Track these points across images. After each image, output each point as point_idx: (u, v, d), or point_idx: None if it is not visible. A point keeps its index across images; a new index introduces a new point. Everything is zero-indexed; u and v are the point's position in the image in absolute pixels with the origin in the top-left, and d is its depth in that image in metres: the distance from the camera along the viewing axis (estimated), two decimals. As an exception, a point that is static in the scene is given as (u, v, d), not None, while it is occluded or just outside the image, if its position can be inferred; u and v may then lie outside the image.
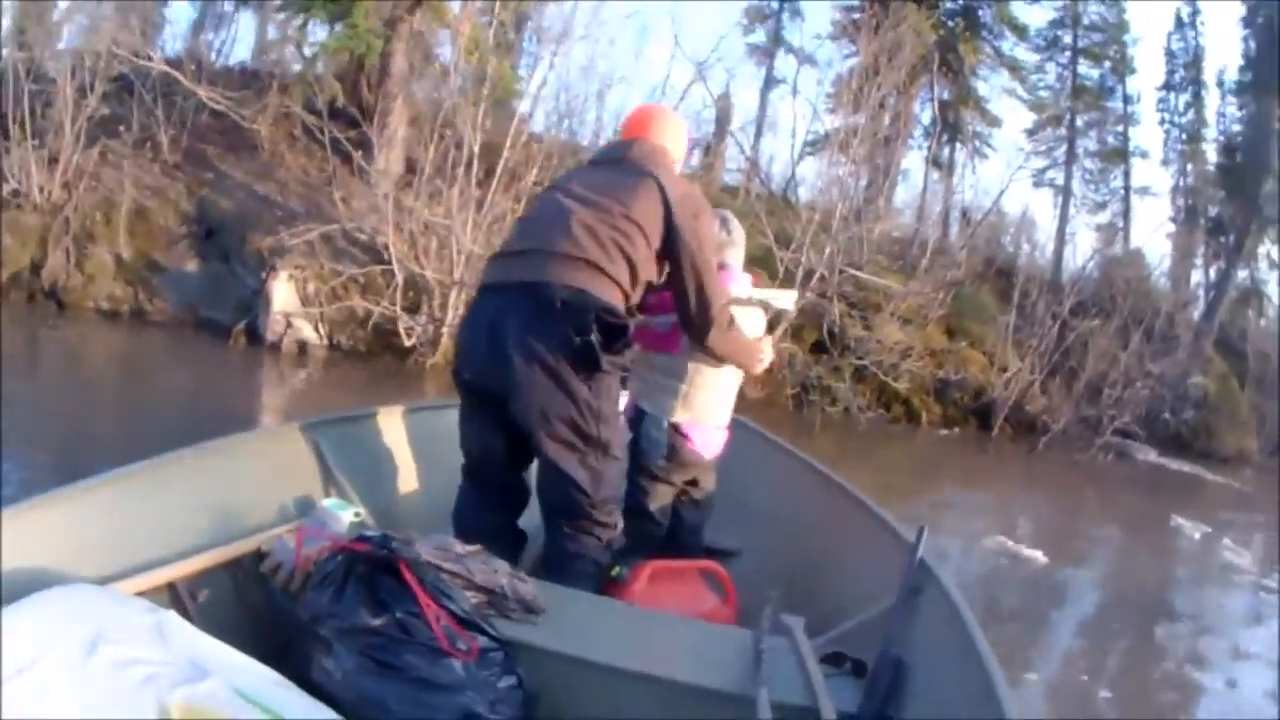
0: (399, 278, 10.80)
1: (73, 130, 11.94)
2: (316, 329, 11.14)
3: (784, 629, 2.38)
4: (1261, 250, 21.40)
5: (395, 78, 12.62)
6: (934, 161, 19.12)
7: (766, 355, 3.21)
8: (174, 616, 1.84)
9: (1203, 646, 5.96)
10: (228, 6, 19.77)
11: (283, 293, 11.02)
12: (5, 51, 15.68)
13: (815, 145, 16.96)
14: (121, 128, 12.54)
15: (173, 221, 12.13)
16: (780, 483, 3.88)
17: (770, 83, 21.47)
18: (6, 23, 15.99)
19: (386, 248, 11.12)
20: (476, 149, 11.06)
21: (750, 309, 3.20)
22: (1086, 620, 6.37)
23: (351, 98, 13.17)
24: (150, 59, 12.93)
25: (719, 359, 3.09)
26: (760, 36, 21.85)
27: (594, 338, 2.56)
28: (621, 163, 2.92)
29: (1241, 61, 21.66)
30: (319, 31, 14.69)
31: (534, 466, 2.81)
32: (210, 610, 2.27)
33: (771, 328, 3.48)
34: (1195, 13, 22.21)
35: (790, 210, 13.74)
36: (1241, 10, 21.74)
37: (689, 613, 2.76)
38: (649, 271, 2.77)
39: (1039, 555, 7.20)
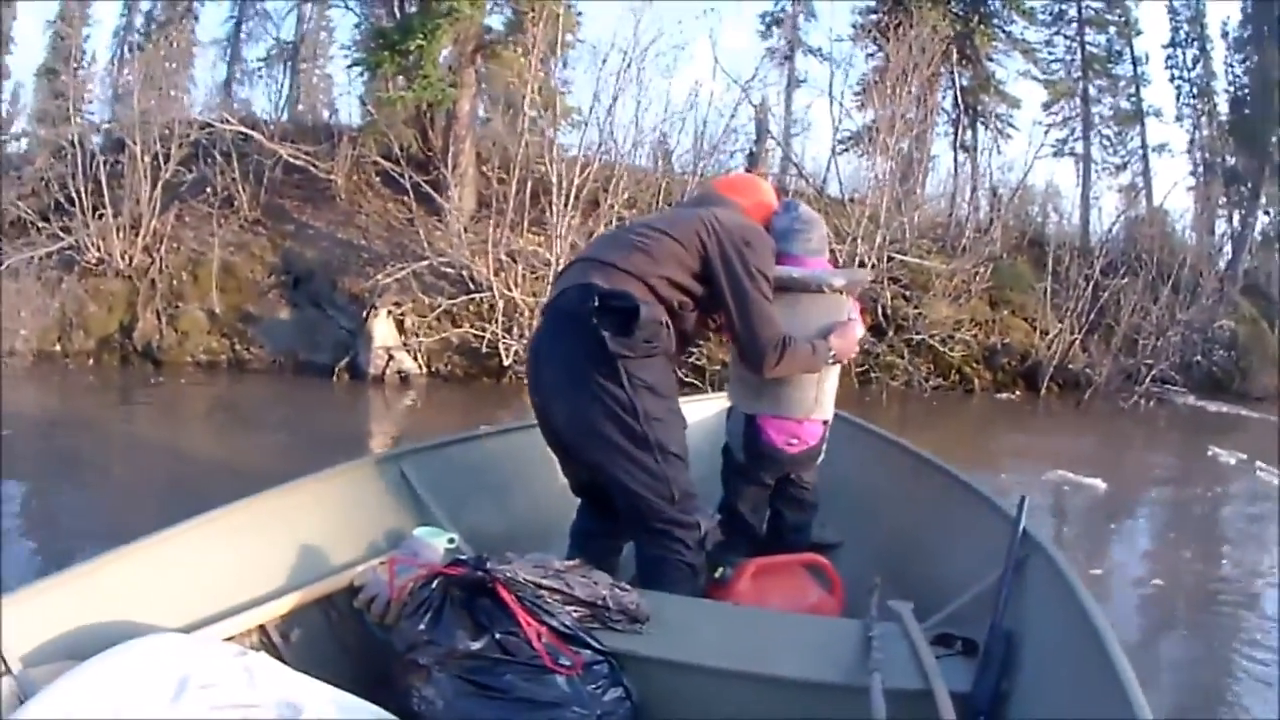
0: (499, 303, 12.67)
1: (150, 196, 13.69)
2: (416, 359, 12.98)
3: (892, 614, 2.51)
4: (1280, 195, 22.92)
5: (462, 121, 14.67)
6: (960, 146, 20.94)
7: (848, 343, 3.17)
8: (263, 658, 1.95)
9: (1238, 546, 7.24)
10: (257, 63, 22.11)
11: (383, 329, 12.86)
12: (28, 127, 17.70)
13: (846, 142, 18.69)
14: (208, 189, 14.40)
15: (260, 274, 14.00)
16: (876, 468, 3.97)
17: (792, 84, 23.31)
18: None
19: (473, 278, 13.00)
20: (559, 181, 12.99)
21: (832, 296, 3.18)
22: (1145, 530, 7.74)
23: (421, 143, 15.11)
24: (227, 121, 14.85)
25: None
26: (777, 40, 23.56)
27: (594, 322, 2.65)
28: (687, 205, 3.26)
29: (1240, 16, 23.26)
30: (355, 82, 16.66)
31: None
32: (303, 650, 2.45)
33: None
34: (1195, -36, 23.54)
35: (834, 204, 15.65)
36: (1238, -38, 23.11)
37: (795, 608, 2.90)
38: (680, 271, 2.84)
39: (1098, 482, 8.37)
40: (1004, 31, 21.54)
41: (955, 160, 21.17)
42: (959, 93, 20.14)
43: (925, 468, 3.70)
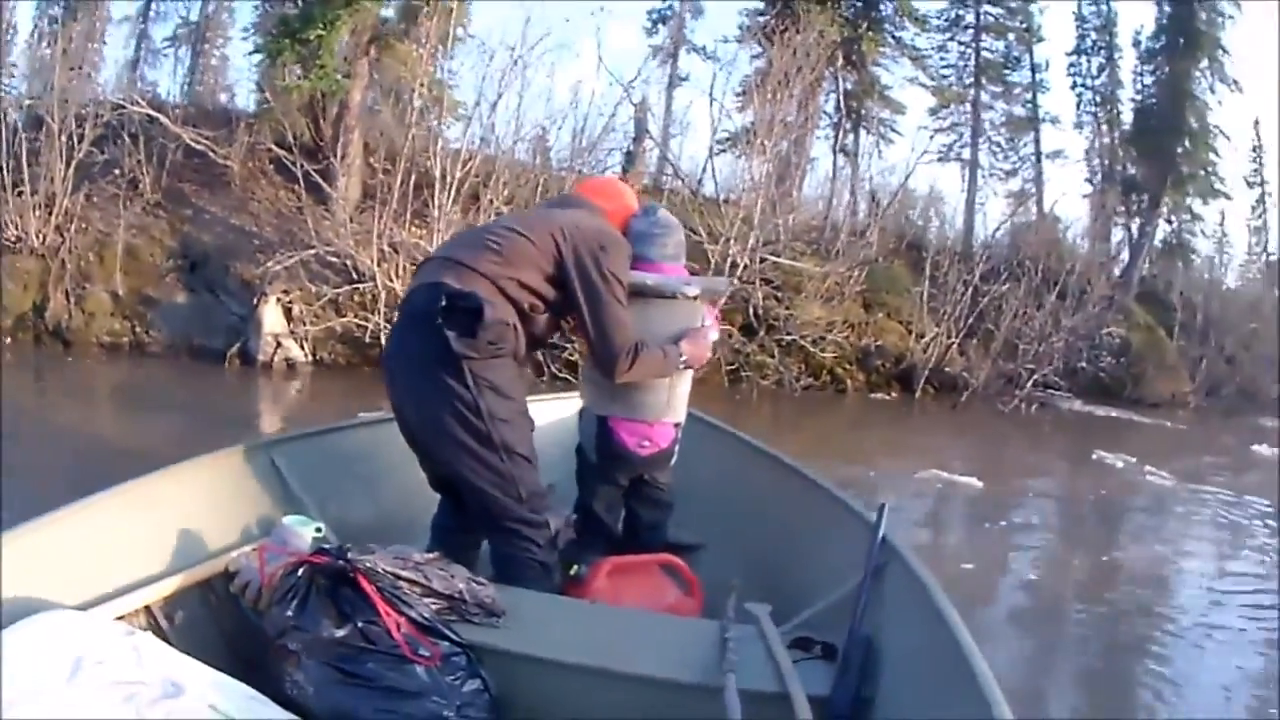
0: (382, 293, 13.05)
1: (64, 175, 13.80)
2: (302, 347, 13.35)
3: (750, 617, 2.56)
4: (1186, 203, 23.53)
5: (353, 111, 15.07)
6: (840, 150, 21.31)
7: (700, 350, 3.24)
8: (150, 638, 2.05)
9: (1119, 545, 7.52)
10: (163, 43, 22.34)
11: (271, 316, 13.21)
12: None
13: (725, 142, 18.88)
14: (117, 170, 14.58)
15: (159, 257, 14.21)
16: (738, 472, 4.03)
17: (674, 82, 23.83)
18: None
19: (356, 268, 13.39)
20: (442, 175, 13.46)
21: (686, 303, 3.25)
22: (1021, 528, 7.83)
23: (313, 132, 15.50)
24: (138, 103, 15.11)
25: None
26: (662, 37, 23.99)
27: (440, 322, 2.68)
28: (548, 206, 3.36)
29: (1154, 27, 23.68)
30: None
31: None
32: (187, 631, 2.51)
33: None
34: (1109, -23, 24.08)
35: (709, 205, 15.99)
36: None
37: (652, 607, 2.94)
38: (532, 273, 2.87)
39: (974, 481, 8.65)
40: (894, 37, 21.93)
41: (834, 164, 21.59)
42: (842, 97, 20.41)
43: (784, 471, 3.80)
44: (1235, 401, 21.18)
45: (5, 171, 13.60)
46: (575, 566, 3.05)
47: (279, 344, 13.22)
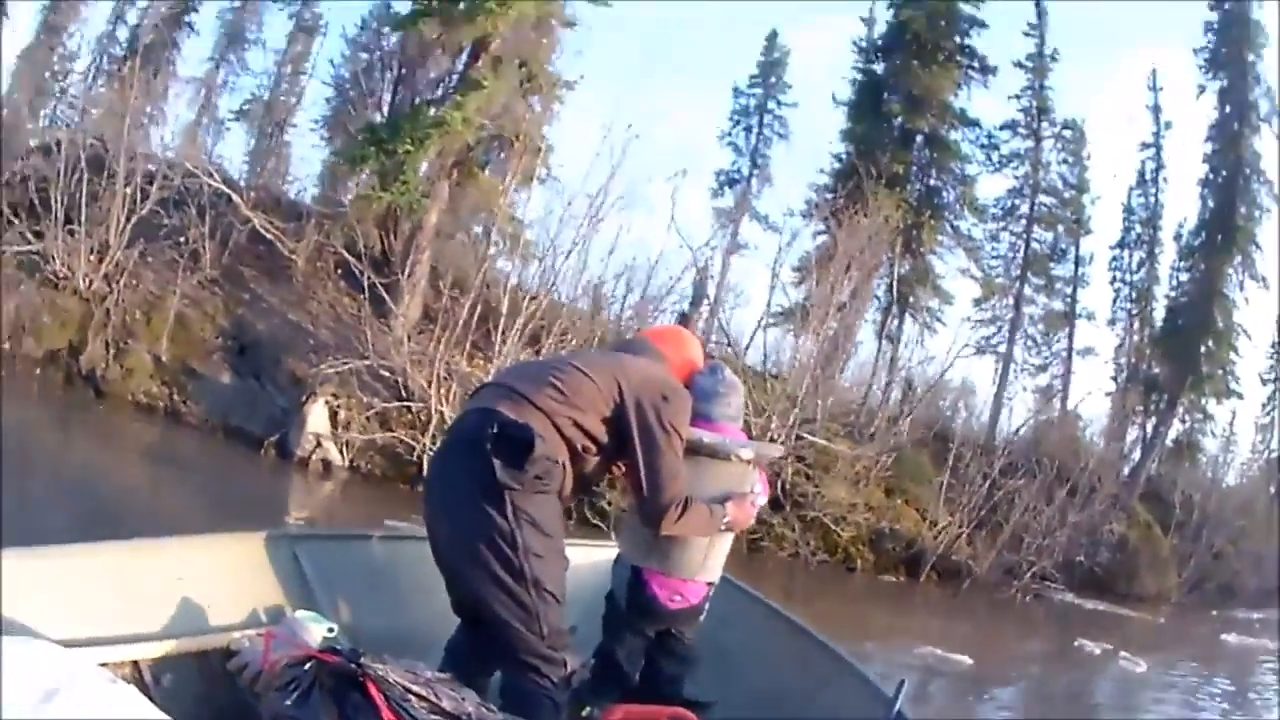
0: (435, 416, 13.70)
1: (122, 227, 14.43)
2: (341, 451, 13.87)
3: None
4: (1201, 403, 24.25)
5: (426, 232, 15.80)
6: (885, 335, 22.00)
7: (744, 514, 3.32)
8: (130, 689, 2.11)
9: (1095, 712, 8.89)
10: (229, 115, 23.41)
11: (317, 416, 13.79)
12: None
13: (777, 317, 19.58)
14: (182, 239, 15.18)
15: (209, 333, 14.87)
16: (761, 637, 4.07)
17: (733, 248, 24.21)
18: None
19: (407, 386, 14.08)
20: (510, 311, 14.24)
21: (738, 465, 3.30)
22: (1003, 700, 9.05)
23: (384, 244, 16.27)
24: (211, 175, 15.81)
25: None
26: (728, 200, 24.85)
27: (488, 449, 2.72)
28: (614, 348, 3.51)
29: (1196, 223, 24.26)
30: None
31: None
32: (172, 694, 2.56)
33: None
34: (1159, 168, 24.86)
35: (754, 376, 16.71)
36: (1202, 170, 24.29)
37: None
38: (590, 415, 2.94)
39: (965, 659, 9.47)
40: (952, 226, 22.60)
41: (879, 349, 22.02)
42: (895, 282, 21.05)
43: (807, 641, 3.89)
44: (1214, 596, 21.96)
45: (59, 205, 14.13)
46: (587, 709, 3.13)
47: (319, 444, 13.74)
